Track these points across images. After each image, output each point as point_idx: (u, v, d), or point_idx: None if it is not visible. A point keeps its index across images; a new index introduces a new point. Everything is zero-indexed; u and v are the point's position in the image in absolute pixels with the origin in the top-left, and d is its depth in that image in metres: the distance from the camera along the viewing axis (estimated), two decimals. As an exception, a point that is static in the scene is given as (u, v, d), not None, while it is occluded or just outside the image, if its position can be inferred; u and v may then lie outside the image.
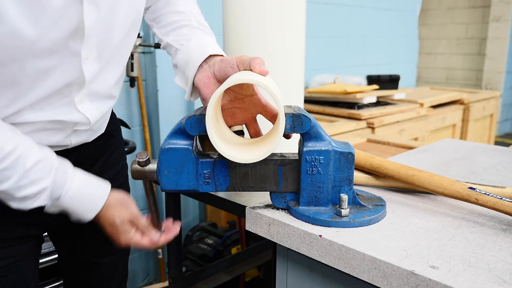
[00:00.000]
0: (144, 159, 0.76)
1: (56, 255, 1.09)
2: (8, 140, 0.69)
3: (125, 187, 1.05)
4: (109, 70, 0.81)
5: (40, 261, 1.40)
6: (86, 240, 0.99)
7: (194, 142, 0.75)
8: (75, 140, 0.85)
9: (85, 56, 0.73)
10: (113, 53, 0.80)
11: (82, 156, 0.89)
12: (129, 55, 0.86)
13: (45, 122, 0.77)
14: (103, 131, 0.93)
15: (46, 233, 1.05)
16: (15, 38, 0.63)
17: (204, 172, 0.75)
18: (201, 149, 0.78)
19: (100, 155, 0.95)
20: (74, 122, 0.80)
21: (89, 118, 0.81)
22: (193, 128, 0.72)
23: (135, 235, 0.82)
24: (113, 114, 1.00)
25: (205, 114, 0.68)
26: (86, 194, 0.78)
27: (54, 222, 0.90)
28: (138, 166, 0.76)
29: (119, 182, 1.01)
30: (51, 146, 0.81)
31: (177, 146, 0.73)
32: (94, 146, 0.92)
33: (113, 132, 1.00)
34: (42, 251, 0.96)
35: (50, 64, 0.70)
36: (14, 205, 0.74)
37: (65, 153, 0.85)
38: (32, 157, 0.72)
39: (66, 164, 0.77)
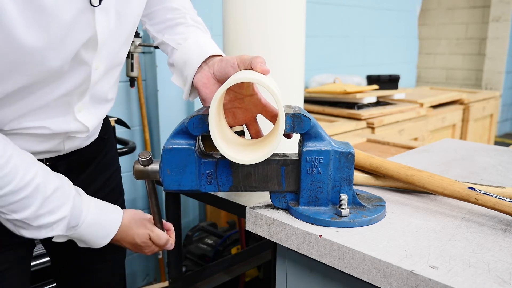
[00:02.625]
0: (147, 158, 0.76)
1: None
2: (28, 167, 0.66)
3: (118, 191, 1.02)
4: (108, 75, 0.80)
5: (33, 263, 1.35)
6: (80, 247, 0.95)
7: (197, 142, 0.75)
8: (68, 146, 0.82)
9: (95, 66, 0.71)
10: (114, 58, 0.78)
11: (73, 162, 0.87)
12: (125, 57, 0.85)
13: (42, 128, 0.73)
14: (96, 136, 0.91)
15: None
16: (23, 53, 0.61)
17: (207, 172, 0.75)
18: (203, 149, 0.78)
19: (91, 161, 0.92)
20: (72, 131, 0.78)
21: (87, 126, 0.79)
22: (196, 128, 0.72)
23: (153, 247, 0.86)
24: (106, 118, 0.97)
25: (207, 114, 0.67)
26: (101, 221, 0.76)
27: None
28: (141, 166, 0.76)
29: (111, 187, 0.98)
30: (43, 153, 0.78)
31: (180, 146, 0.73)
32: (86, 152, 0.89)
33: (105, 136, 0.96)
34: (35, 253, 0.94)
35: (59, 75, 0.68)
36: (26, 234, 0.69)
37: (56, 159, 0.82)
38: (51, 184, 0.69)
39: (80, 190, 0.75)
